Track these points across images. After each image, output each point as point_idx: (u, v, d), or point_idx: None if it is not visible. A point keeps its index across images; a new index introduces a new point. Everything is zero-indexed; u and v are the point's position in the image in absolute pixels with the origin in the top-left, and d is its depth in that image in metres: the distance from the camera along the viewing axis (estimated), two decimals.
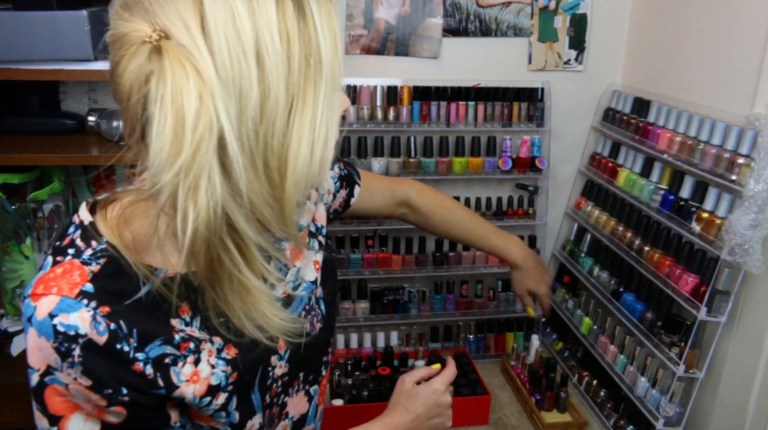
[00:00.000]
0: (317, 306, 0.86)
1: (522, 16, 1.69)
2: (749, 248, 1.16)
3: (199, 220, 0.52)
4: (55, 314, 0.58)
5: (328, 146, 0.60)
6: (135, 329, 0.62)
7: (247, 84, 0.52)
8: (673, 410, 1.33)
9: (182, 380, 0.65)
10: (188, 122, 0.50)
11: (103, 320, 0.60)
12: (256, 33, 0.53)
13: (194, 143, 0.50)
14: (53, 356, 0.59)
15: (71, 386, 0.60)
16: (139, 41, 0.53)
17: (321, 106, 0.57)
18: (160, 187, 0.52)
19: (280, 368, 0.77)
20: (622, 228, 1.58)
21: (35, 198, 1.40)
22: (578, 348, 1.72)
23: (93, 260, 0.62)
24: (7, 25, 1.25)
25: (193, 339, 0.67)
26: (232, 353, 0.70)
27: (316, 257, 0.87)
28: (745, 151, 1.23)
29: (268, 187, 0.56)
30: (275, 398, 0.78)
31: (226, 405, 0.69)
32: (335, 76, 0.59)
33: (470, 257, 1.77)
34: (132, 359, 0.61)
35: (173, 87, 0.50)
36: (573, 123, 1.81)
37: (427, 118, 1.67)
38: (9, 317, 1.45)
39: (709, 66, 1.42)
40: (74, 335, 0.58)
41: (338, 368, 1.60)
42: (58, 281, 0.60)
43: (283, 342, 0.77)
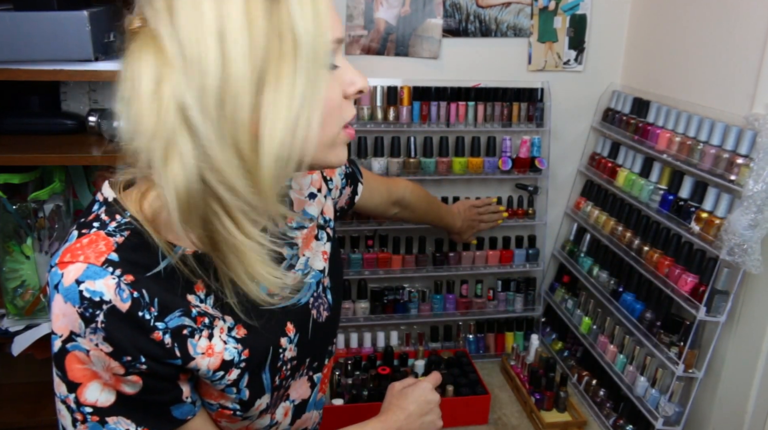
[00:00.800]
0: (324, 295, 0.88)
1: (522, 17, 1.70)
2: (748, 248, 1.17)
3: (178, 182, 0.57)
4: (82, 281, 0.61)
5: (312, 124, 0.60)
6: (156, 299, 0.65)
7: (206, 62, 0.56)
8: (673, 409, 1.34)
9: (198, 353, 0.68)
10: (149, 91, 0.56)
11: (126, 288, 0.62)
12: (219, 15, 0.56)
13: (155, 110, 0.56)
14: (78, 321, 0.61)
15: (92, 352, 0.63)
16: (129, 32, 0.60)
17: (300, 84, 0.58)
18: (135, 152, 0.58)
19: (290, 351, 0.79)
20: (621, 228, 1.58)
21: (36, 198, 1.40)
22: (578, 348, 1.73)
23: (117, 232, 0.65)
24: (7, 25, 1.25)
25: (207, 315, 0.70)
26: (242, 332, 0.73)
27: (325, 248, 0.90)
28: (744, 152, 1.23)
29: (237, 159, 0.58)
30: (284, 381, 0.80)
31: (238, 381, 0.72)
32: (318, 54, 0.60)
33: (470, 257, 1.77)
34: (152, 327, 0.64)
35: (136, 63, 0.57)
36: (573, 123, 1.81)
37: (427, 119, 1.67)
38: (10, 316, 1.45)
39: (708, 66, 1.42)
40: (99, 301, 0.61)
41: (338, 368, 1.61)
42: (85, 250, 0.63)
43: (291, 325, 0.79)
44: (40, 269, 1.44)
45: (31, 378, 1.69)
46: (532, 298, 1.85)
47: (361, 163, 1.66)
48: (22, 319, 1.45)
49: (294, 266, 0.83)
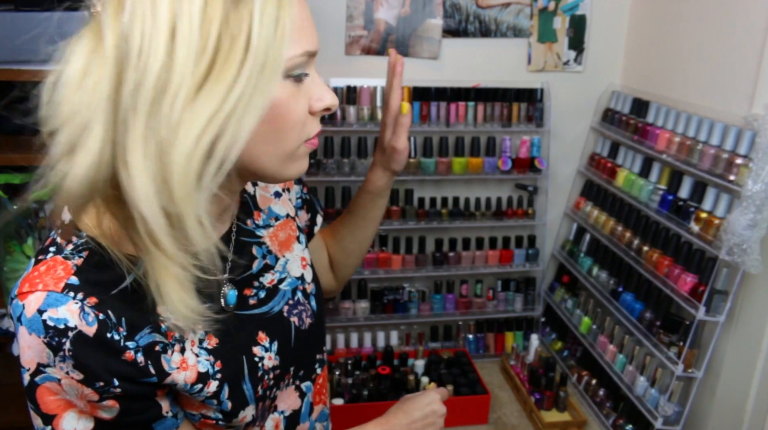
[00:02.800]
0: (307, 302, 0.86)
1: (521, 17, 1.70)
2: (747, 248, 1.17)
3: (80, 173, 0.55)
4: (44, 310, 0.59)
5: (241, 131, 0.57)
6: (123, 318, 0.62)
7: (152, 58, 0.54)
8: (672, 409, 1.34)
9: (173, 367, 0.66)
10: (73, 78, 0.56)
11: (91, 311, 0.60)
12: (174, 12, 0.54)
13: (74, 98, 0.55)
14: (45, 351, 0.59)
15: (64, 381, 0.61)
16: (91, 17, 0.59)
17: (238, 89, 0.56)
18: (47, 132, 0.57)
19: (269, 359, 0.77)
20: (621, 228, 1.58)
21: (37, 198, 1.40)
22: (577, 348, 1.73)
23: (75, 254, 0.62)
24: (8, 25, 1.25)
25: (177, 328, 0.67)
26: (213, 343, 0.70)
27: (303, 254, 0.88)
28: (744, 152, 1.23)
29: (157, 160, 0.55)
30: (267, 390, 0.78)
31: (218, 393, 0.70)
32: (268, 62, 0.58)
33: (470, 257, 1.77)
34: (123, 347, 0.62)
35: (73, 47, 0.57)
36: (572, 123, 1.82)
37: (427, 119, 1.68)
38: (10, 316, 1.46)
39: (707, 67, 1.42)
40: (64, 328, 0.59)
41: (338, 368, 1.61)
42: (43, 278, 0.60)
43: (263, 334, 0.77)
44: None
45: None
46: (532, 298, 1.85)
47: (361, 164, 1.67)
48: None
49: (271, 266, 0.81)
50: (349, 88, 1.63)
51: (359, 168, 1.66)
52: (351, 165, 1.66)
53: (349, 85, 1.63)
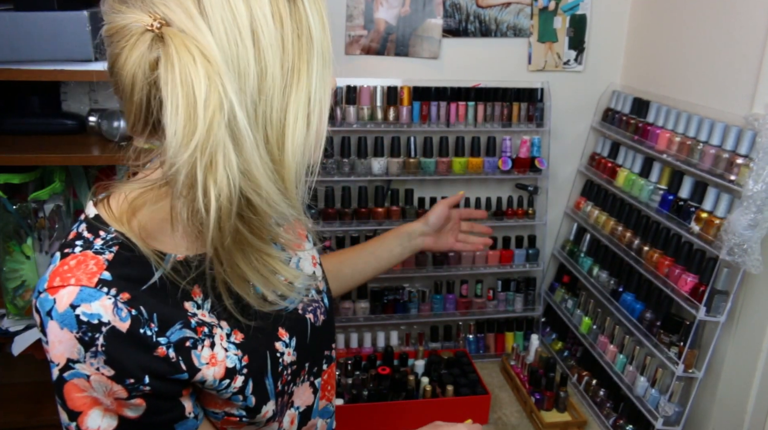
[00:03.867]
0: (321, 299, 0.87)
1: (522, 17, 1.70)
2: (748, 248, 1.17)
3: (222, 196, 0.54)
4: (77, 304, 0.59)
5: (323, 119, 0.63)
6: (155, 314, 0.63)
7: (245, 63, 0.55)
8: (672, 409, 1.34)
9: (203, 363, 0.66)
10: (200, 102, 0.53)
11: (124, 307, 0.60)
12: (251, 14, 0.55)
13: (207, 121, 0.53)
14: (76, 347, 0.59)
15: (93, 377, 0.61)
16: (139, 31, 0.55)
17: (315, 82, 0.61)
18: (177, 167, 0.53)
19: (288, 355, 0.78)
20: (621, 228, 1.58)
21: (36, 198, 1.41)
22: (578, 348, 1.73)
23: (105, 249, 0.63)
24: (8, 25, 1.25)
25: (205, 324, 0.68)
26: (239, 337, 0.71)
27: (313, 253, 0.90)
28: (744, 152, 1.23)
29: (270, 162, 0.58)
30: (286, 386, 0.79)
31: (244, 388, 0.71)
32: (325, 53, 0.62)
33: (470, 257, 1.77)
34: (155, 343, 0.62)
35: (181, 70, 0.53)
36: (572, 123, 1.82)
37: (427, 119, 1.67)
38: (10, 316, 1.46)
39: (708, 66, 1.42)
40: (98, 323, 0.59)
41: (338, 368, 1.61)
42: (75, 272, 0.61)
43: (283, 329, 0.78)
44: (41, 269, 1.44)
45: (31, 378, 1.69)
46: (532, 298, 1.85)
47: (361, 164, 1.67)
48: (22, 319, 1.45)
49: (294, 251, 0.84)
50: (349, 87, 1.63)
51: (359, 168, 1.66)
52: (351, 165, 1.66)
53: (349, 84, 1.63)
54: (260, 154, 0.57)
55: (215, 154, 0.53)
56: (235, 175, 0.55)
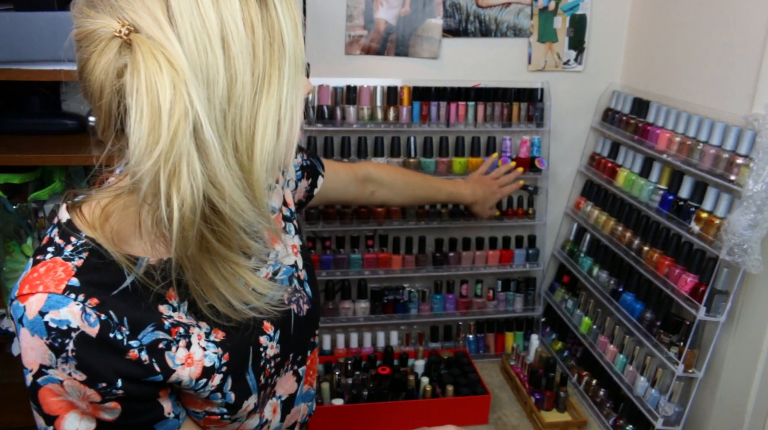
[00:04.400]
0: (302, 289, 0.87)
1: (522, 17, 1.70)
2: (748, 248, 1.17)
3: (185, 206, 0.54)
4: (45, 311, 0.59)
5: (294, 126, 0.62)
6: (125, 318, 0.62)
7: (214, 71, 0.55)
8: (672, 409, 1.34)
9: (177, 364, 0.66)
10: (164, 110, 0.52)
11: (93, 312, 0.60)
12: (221, 21, 0.55)
13: (171, 130, 0.52)
14: (47, 353, 0.60)
15: (66, 382, 0.61)
16: (108, 37, 0.54)
17: (286, 88, 0.60)
18: (140, 176, 0.53)
19: (271, 348, 0.78)
20: (621, 228, 1.58)
21: (36, 198, 1.40)
22: (578, 348, 1.73)
23: (75, 256, 0.63)
24: (8, 25, 1.25)
25: (181, 325, 0.68)
26: (219, 336, 0.71)
27: (293, 242, 0.89)
28: (744, 152, 1.23)
29: (239, 170, 0.58)
30: (269, 379, 0.79)
31: (222, 386, 0.70)
32: (297, 59, 0.61)
33: (470, 257, 1.77)
34: (126, 346, 0.62)
35: (147, 78, 0.52)
36: (572, 123, 1.82)
37: (427, 119, 1.67)
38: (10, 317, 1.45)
39: (708, 66, 1.42)
40: (66, 329, 0.59)
41: (338, 368, 1.61)
42: (43, 279, 0.61)
43: (269, 323, 0.78)
44: None
45: None
46: (532, 298, 1.85)
47: None
48: None
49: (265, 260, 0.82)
50: (348, 87, 1.63)
51: None
52: None
53: (349, 84, 1.63)
54: (228, 162, 0.56)
55: (179, 163, 0.53)
56: (199, 185, 0.54)
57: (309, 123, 1.62)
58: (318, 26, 1.61)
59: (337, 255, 1.70)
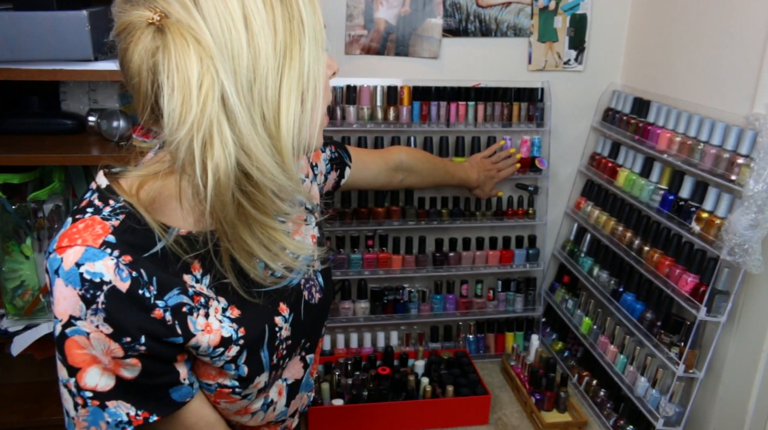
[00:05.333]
0: (315, 278, 0.91)
1: (522, 17, 1.70)
2: (749, 248, 1.17)
3: (219, 170, 0.59)
4: (82, 263, 0.63)
5: (318, 97, 0.67)
6: (155, 278, 0.66)
7: (238, 46, 0.59)
8: (673, 409, 1.34)
9: (198, 329, 0.70)
10: (193, 83, 0.57)
11: (125, 268, 0.64)
12: (243, 2, 0.60)
13: (201, 100, 0.57)
14: (78, 304, 0.63)
15: (93, 334, 0.64)
16: (143, 25, 0.60)
17: (307, 62, 0.65)
18: (176, 144, 0.58)
19: (285, 330, 0.81)
20: (621, 228, 1.58)
21: (35, 198, 1.40)
22: (578, 348, 1.72)
23: (112, 216, 0.67)
24: (7, 25, 1.25)
25: (202, 295, 0.71)
26: (236, 313, 0.75)
27: (313, 232, 0.94)
28: (745, 152, 1.23)
29: (267, 137, 0.62)
30: (281, 360, 0.82)
31: (237, 358, 0.74)
32: (317, 35, 0.66)
33: (470, 257, 1.77)
34: (152, 305, 0.66)
35: (176, 56, 0.58)
36: (573, 123, 1.81)
37: (427, 119, 1.67)
38: (9, 317, 1.45)
39: (708, 66, 1.42)
40: (99, 282, 0.63)
41: (338, 368, 1.60)
42: (82, 234, 0.64)
43: (284, 305, 0.82)
44: (40, 269, 1.44)
45: (30, 378, 1.69)
46: (533, 298, 1.84)
47: None
48: (21, 319, 1.45)
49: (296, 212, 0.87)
50: (348, 87, 1.63)
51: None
52: None
53: (349, 84, 1.63)
54: (257, 130, 0.61)
55: (210, 130, 0.58)
56: (231, 151, 0.59)
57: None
58: None
59: (337, 255, 1.70)
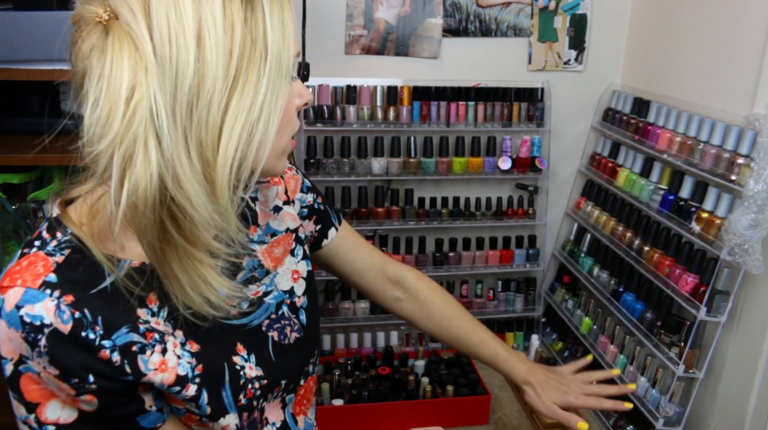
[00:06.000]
0: (294, 316, 0.85)
1: (522, 16, 1.70)
2: (749, 248, 1.16)
3: (138, 190, 0.55)
4: (21, 305, 0.60)
5: (269, 130, 0.61)
6: (100, 317, 0.63)
7: (183, 63, 0.55)
8: (673, 409, 1.34)
9: (150, 369, 0.66)
10: (122, 95, 0.54)
11: (67, 309, 0.61)
12: (199, 17, 0.55)
13: (127, 115, 0.54)
14: (23, 345, 0.60)
15: (42, 374, 0.62)
16: (93, 22, 0.57)
17: (263, 91, 0.60)
18: (95, 155, 0.55)
19: (250, 369, 0.76)
20: (621, 228, 1.58)
21: (35, 198, 1.40)
22: (578, 348, 1.72)
23: (57, 251, 0.63)
24: (7, 25, 1.24)
25: (156, 331, 0.67)
26: (195, 347, 0.71)
27: (297, 267, 0.87)
28: (745, 152, 1.23)
29: (200, 164, 0.58)
30: (254, 400, 0.77)
31: (197, 398, 0.70)
32: (282, 65, 0.61)
33: (470, 257, 1.77)
34: (98, 346, 0.62)
35: (110, 61, 0.54)
36: (573, 123, 1.81)
37: (427, 118, 1.67)
38: None
39: (708, 66, 1.42)
40: (40, 325, 0.60)
41: (338, 368, 1.60)
42: (23, 273, 0.61)
43: (241, 346, 0.77)
44: None
45: None
46: (533, 298, 1.84)
47: (361, 164, 1.66)
48: None
49: (259, 278, 0.81)
50: (348, 87, 1.63)
51: (359, 168, 1.66)
52: (351, 165, 1.66)
53: (349, 84, 1.63)
54: (189, 155, 0.57)
55: (133, 148, 0.54)
56: (153, 172, 0.55)
57: (309, 123, 1.62)
58: (318, 26, 1.61)
59: None
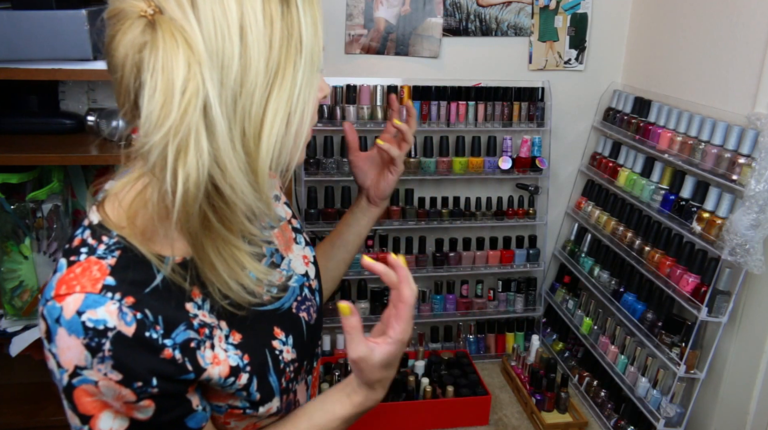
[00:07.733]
0: (313, 297, 0.89)
1: (522, 16, 1.69)
2: (750, 248, 1.16)
3: (189, 180, 0.56)
4: (83, 311, 0.60)
5: (304, 121, 0.65)
6: (160, 316, 0.64)
7: (229, 56, 0.58)
8: (674, 410, 1.33)
9: (207, 363, 0.68)
10: (177, 87, 0.55)
11: (129, 311, 0.62)
12: (242, 12, 0.58)
13: (182, 106, 0.55)
14: (83, 353, 0.60)
15: (101, 382, 0.62)
16: (135, 16, 0.58)
17: (299, 84, 0.63)
18: (150, 146, 0.56)
19: (288, 352, 0.80)
20: (622, 228, 1.57)
21: (34, 198, 1.40)
22: (579, 348, 1.72)
23: (108, 254, 0.64)
24: (6, 24, 1.24)
25: (206, 325, 0.70)
26: (237, 338, 0.73)
27: (305, 252, 0.92)
28: (746, 151, 1.22)
29: (244, 154, 0.60)
30: (290, 383, 0.80)
31: (248, 385, 0.72)
32: (314, 58, 0.64)
33: (470, 257, 1.76)
34: (161, 346, 0.63)
35: (164, 56, 0.56)
36: (573, 123, 1.81)
37: (427, 118, 1.67)
38: (8, 317, 1.45)
39: (709, 66, 1.41)
40: (103, 329, 0.60)
41: (338, 368, 1.60)
42: (80, 280, 0.62)
43: (278, 328, 0.80)
44: (39, 269, 1.44)
45: (29, 379, 1.68)
46: (533, 298, 1.84)
47: None
48: (20, 319, 1.44)
49: (278, 265, 0.84)
50: (348, 87, 1.62)
51: None
52: None
53: (348, 84, 1.63)
54: (234, 145, 0.59)
55: (187, 138, 0.56)
56: (205, 162, 0.57)
57: None
58: None
59: None
